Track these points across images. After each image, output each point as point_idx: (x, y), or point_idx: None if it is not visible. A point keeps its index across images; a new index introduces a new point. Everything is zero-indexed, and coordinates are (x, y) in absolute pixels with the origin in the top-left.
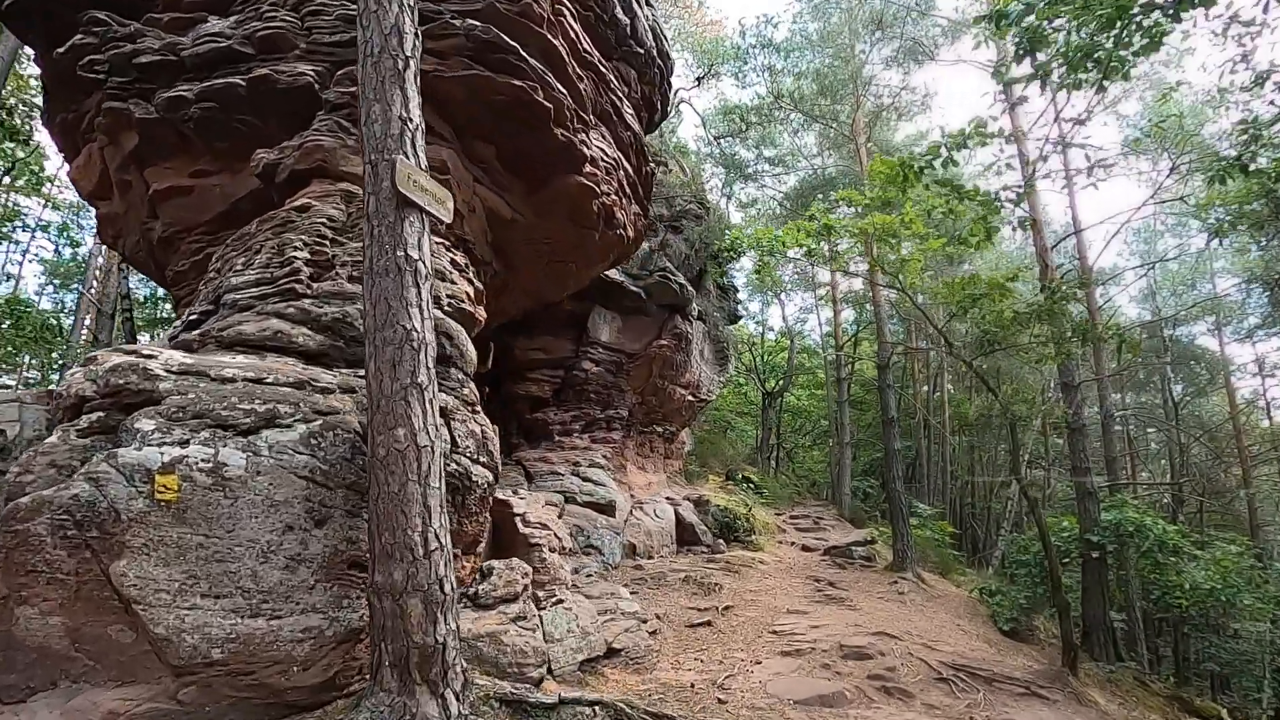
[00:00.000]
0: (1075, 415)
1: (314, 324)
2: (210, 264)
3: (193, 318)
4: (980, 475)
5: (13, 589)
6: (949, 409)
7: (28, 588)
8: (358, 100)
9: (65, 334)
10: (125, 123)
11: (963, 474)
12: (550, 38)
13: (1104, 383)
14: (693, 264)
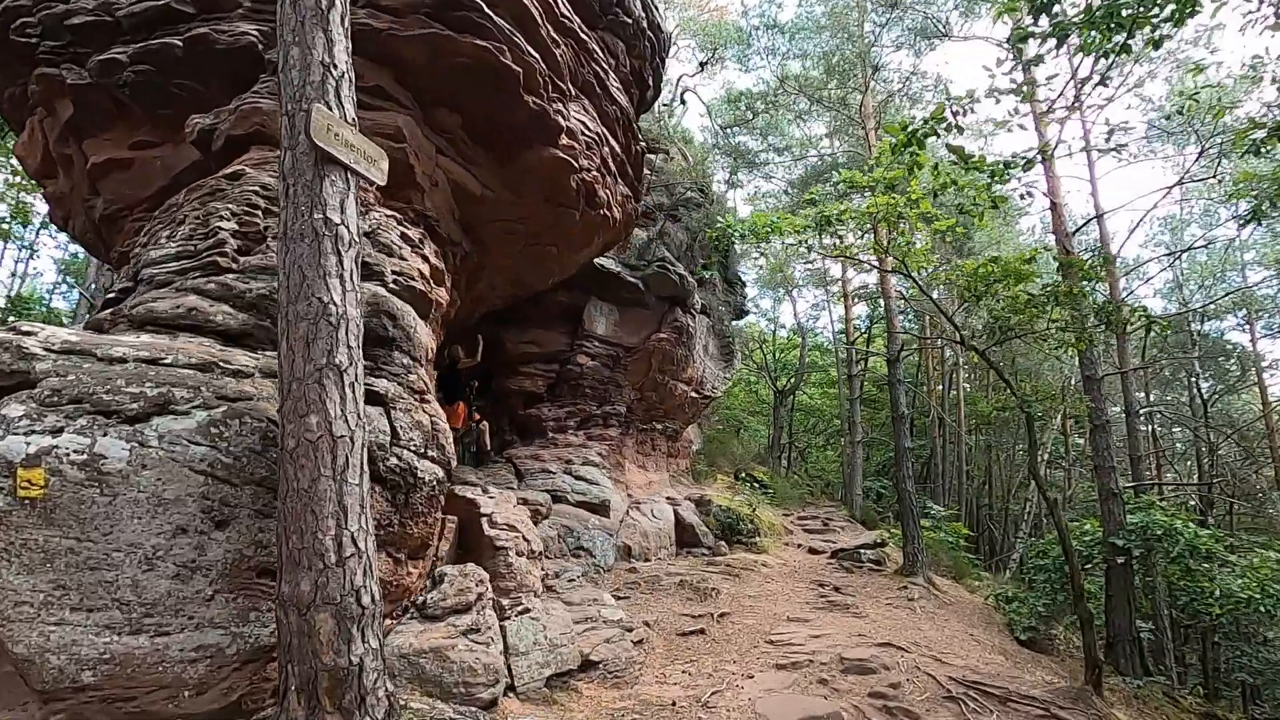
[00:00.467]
0: (1098, 410)
1: (236, 301)
2: (139, 238)
3: (109, 296)
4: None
5: None
6: (964, 407)
7: None
8: None
9: None
10: (59, 90)
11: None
12: None
13: (1128, 377)
14: (695, 255)
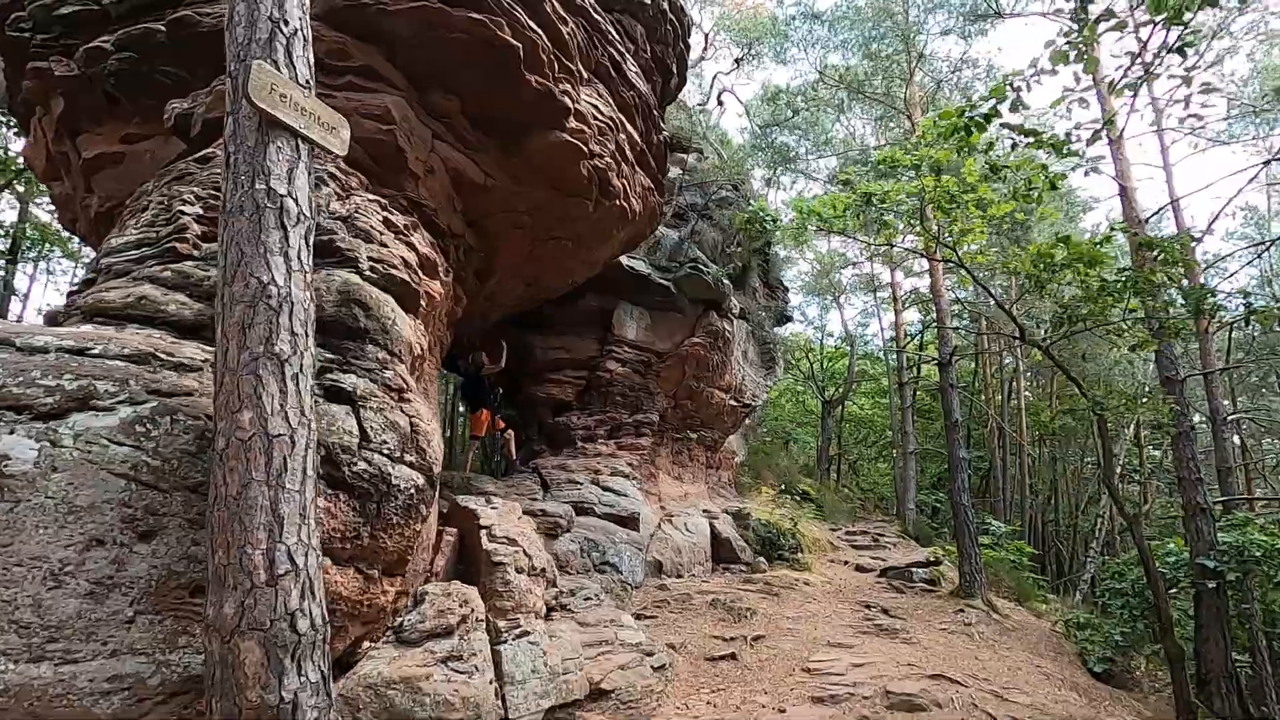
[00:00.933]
0: (1181, 415)
1: (194, 290)
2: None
3: (71, 289)
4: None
5: None
6: (1026, 417)
7: None
8: None
9: None
10: (51, 85)
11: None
12: None
13: (1213, 379)
14: (731, 256)
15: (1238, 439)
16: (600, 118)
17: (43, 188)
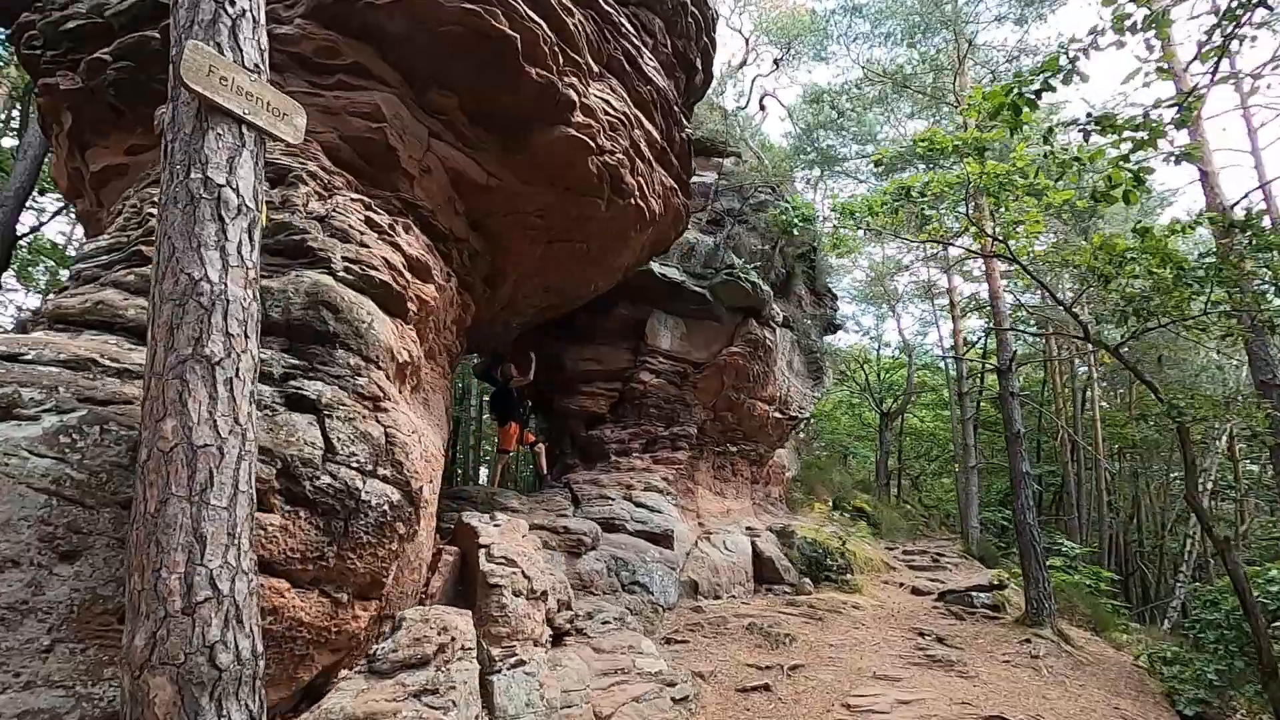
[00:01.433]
0: None
1: None
2: None
3: (50, 297)
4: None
5: None
6: (1101, 428)
7: None
8: (273, 41)
9: None
10: (58, 99)
11: (1124, 505)
12: None
13: None
14: (772, 262)
15: None
16: (612, 113)
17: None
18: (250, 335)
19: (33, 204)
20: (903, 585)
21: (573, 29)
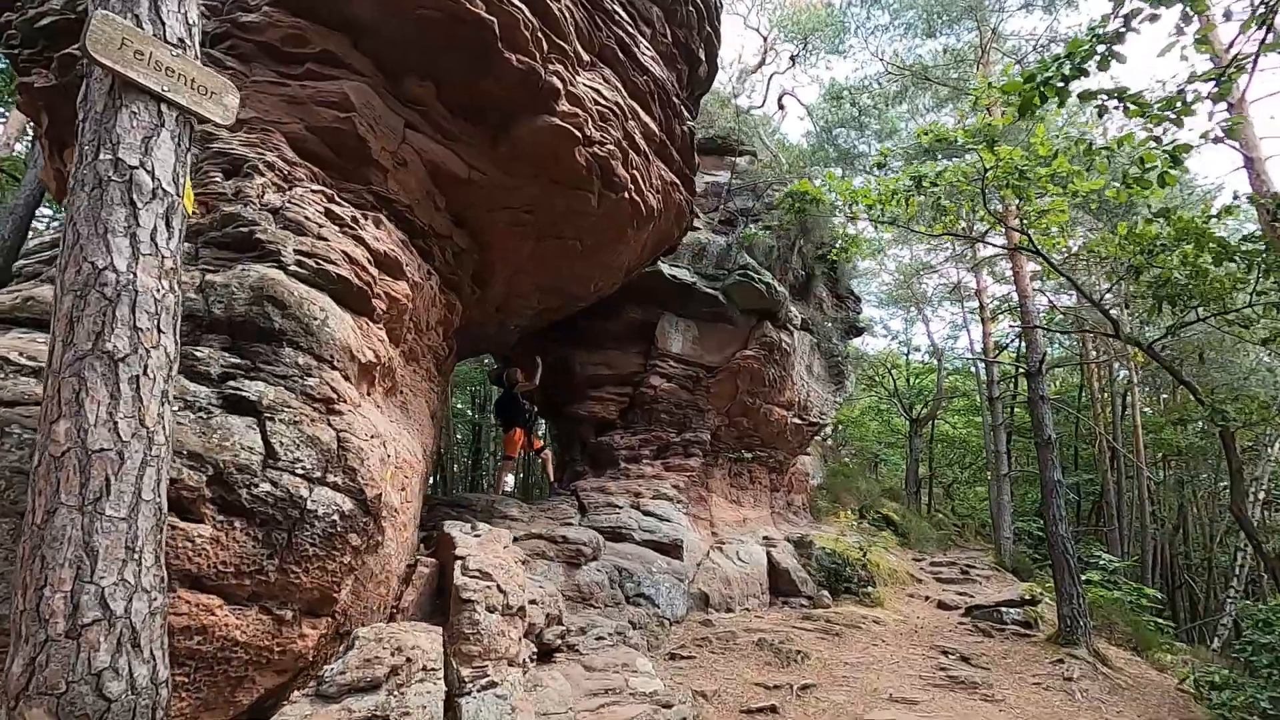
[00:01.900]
0: None
1: None
2: None
3: None
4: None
5: None
6: (1142, 435)
7: None
8: (239, 30)
9: None
10: (35, 98)
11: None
12: None
13: None
14: (791, 263)
15: None
16: (602, 102)
17: None
18: (165, 330)
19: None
20: (928, 599)
21: (558, 14)
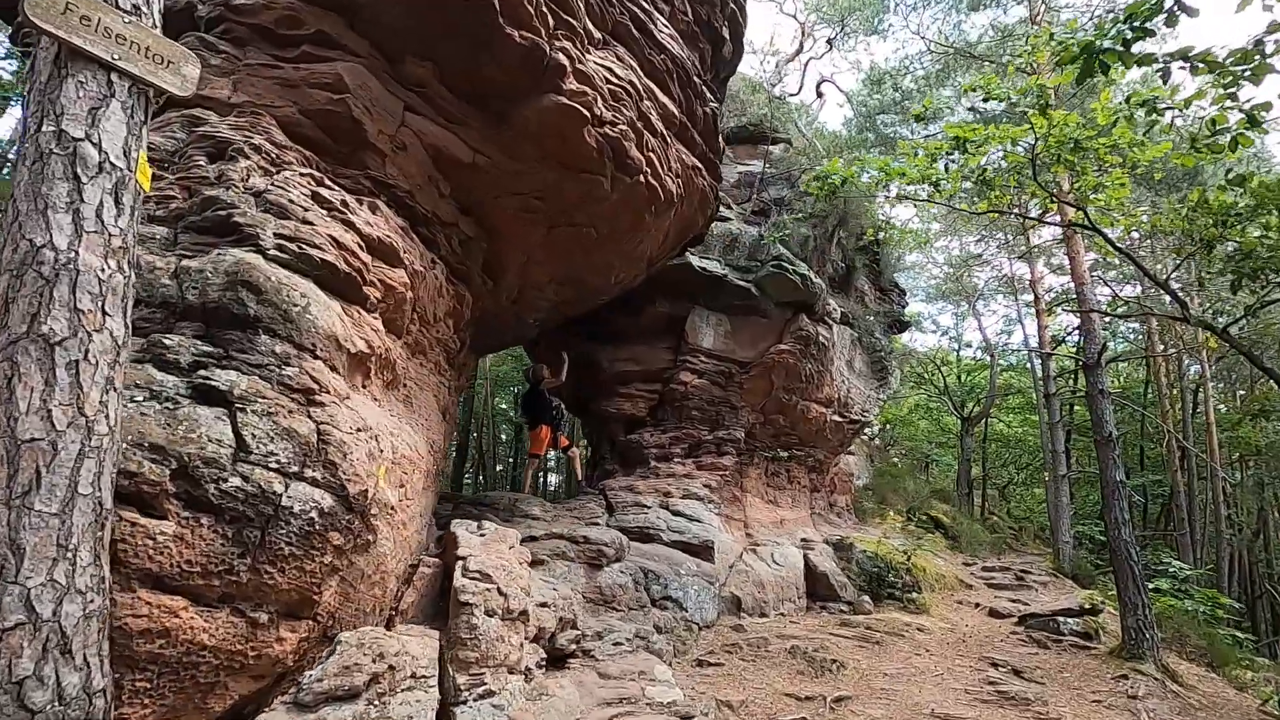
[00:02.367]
0: None
1: None
2: None
3: None
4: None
5: None
6: (1216, 433)
7: None
8: (232, 13)
9: None
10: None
11: (1249, 520)
12: None
13: None
14: (829, 254)
15: None
16: (614, 81)
17: None
18: (111, 313)
19: None
20: (978, 606)
21: None
